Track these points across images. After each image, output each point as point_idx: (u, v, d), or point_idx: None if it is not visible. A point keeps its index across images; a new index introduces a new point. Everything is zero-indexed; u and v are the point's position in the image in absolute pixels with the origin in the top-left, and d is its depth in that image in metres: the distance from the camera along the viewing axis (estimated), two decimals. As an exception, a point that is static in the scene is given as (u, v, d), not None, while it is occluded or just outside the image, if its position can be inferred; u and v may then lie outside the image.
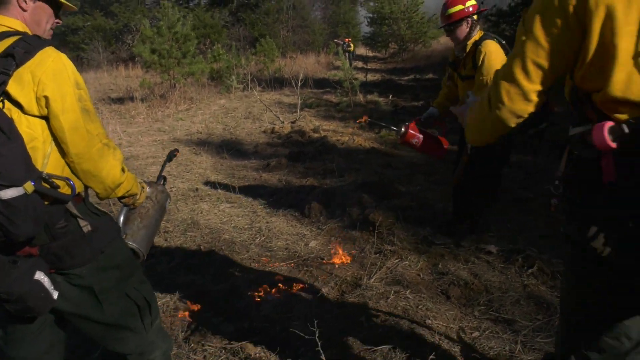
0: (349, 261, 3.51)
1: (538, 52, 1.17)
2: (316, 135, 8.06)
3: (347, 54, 18.58)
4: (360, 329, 2.67)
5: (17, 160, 1.32)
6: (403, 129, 3.42)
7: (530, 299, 2.89)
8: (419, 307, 2.85)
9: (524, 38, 1.19)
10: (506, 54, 3.27)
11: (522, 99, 1.22)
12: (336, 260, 3.53)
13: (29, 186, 1.33)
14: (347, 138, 7.70)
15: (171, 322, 2.82)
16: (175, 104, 11.93)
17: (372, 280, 3.18)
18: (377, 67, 23.26)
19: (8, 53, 1.38)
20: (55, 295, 1.49)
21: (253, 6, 31.67)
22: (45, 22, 1.61)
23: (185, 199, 5.03)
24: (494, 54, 3.16)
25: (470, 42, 3.37)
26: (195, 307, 2.99)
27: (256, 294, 3.13)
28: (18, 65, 1.38)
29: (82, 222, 1.56)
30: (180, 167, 6.40)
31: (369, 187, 4.99)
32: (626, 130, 1.07)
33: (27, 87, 1.40)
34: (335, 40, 24.53)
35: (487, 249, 3.55)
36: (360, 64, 21.60)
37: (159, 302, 2.94)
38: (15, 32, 1.46)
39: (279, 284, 3.23)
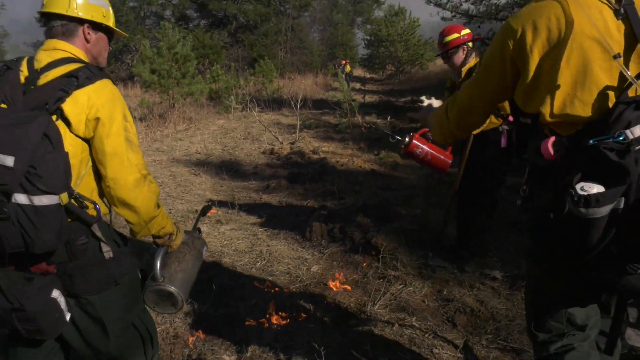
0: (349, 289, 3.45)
1: (483, 85, 1.58)
2: (315, 156, 8.05)
3: (344, 75, 18.76)
4: (366, 358, 2.60)
5: (60, 170, 1.37)
6: (407, 139, 3.45)
7: (538, 328, 2.83)
8: (426, 335, 2.79)
9: (479, 72, 1.60)
10: None
11: (470, 116, 1.68)
12: (337, 288, 3.47)
13: (65, 197, 1.37)
14: (347, 159, 7.70)
15: (171, 350, 2.74)
16: (174, 124, 11.93)
17: (377, 306, 3.13)
18: (375, 89, 23.45)
19: (72, 74, 1.49)
20: (67, 317, 1.48)
21: (252, 27, 32.02)
22: (104, 50, 1.77)
23: (185, 220, 4.98)
24: None
25: (465, 69, 3.49)
26: (196, 334, 2.92)
27: (258, 320, 3.06)
28: (78, 87, 1.48)
29: (104, 247, 1.58)
30: (179, 187, 6.36)
31: (369, 209, 4.96)
32: (566, 143, 1.35)
33: (80, 108, 1.48)
34: (334, 62, 24.80)
35: (492, 274, 3.51)
36: (357, 85, 21.77)
37: (158, 329, 2.88)
38: (79, 60, 1.59)
39: (281, 310, 3.16)
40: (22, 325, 1.39)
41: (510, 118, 3.38)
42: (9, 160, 1.25)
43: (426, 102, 1.96)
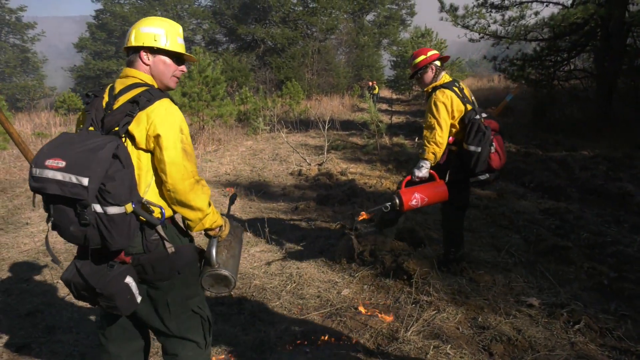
0: (390, 319, 3.37)
1: None
2: (343, 178, 8.04)
3: (372, 97, 18.85)
4: (400, 387, 2.54)
5: (125, 186, 1.63)
6: (397, 200, 3.50)
7: (580, 359, 2.72)
8: (461, 364, 2.71)
9: None
10: (461, 100, 3.62)
11: None
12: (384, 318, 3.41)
13: (129, 207, 1.64)
14: (375, 181, 7.67)
15: (203, 373, 2.73)
16: (203, 145, 12.15)
17: (409, 333, 3.06)
18: (401, 109, 23.42)
19: (134, 100, 1.76)
20: (138, 299, 1.79)
21: (279, 50, 32.61)
22: (166, 71, 1.98)
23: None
24: (436, 105, 3.58)
25: (430, 87, 3.77)
26: (226, 358, 2.91)
27: (289, 345, 3.03)
28: (140, 110, 1.75)
29: (167, 244, 1.83)
30: (209, 209, 6.41)
31: (400, 233, 4.89)
32: None
33: (141, 126, 1.74)
34: (361, 84, 24.93)
35: (528, 301, 3.40)
36: (384, 106, 21.76)
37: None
38: (145, 84, 1.86)
39: (312, 335, 3.13)
40: (103, 303, 1.73)
41: (451, 140, 3.72)
42: (85, 181, 1.53)
43: None
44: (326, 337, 3.10)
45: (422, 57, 3.76)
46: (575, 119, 12.53)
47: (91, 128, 1.78)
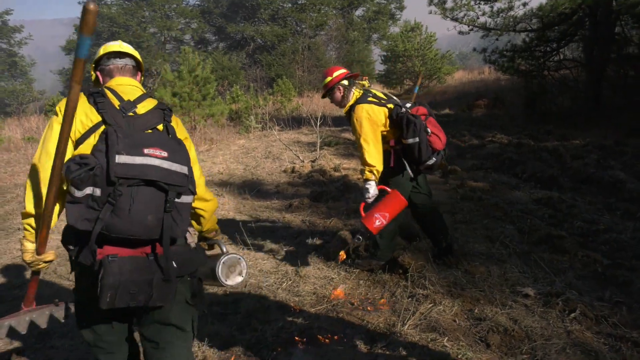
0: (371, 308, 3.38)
1: None
2: (337, 174, 8.03)
3: (363, 92, 18.77)
4: (398, 382, 2.54)
5: (194, 178, 1.84)
6: (365, 227, 3.50)
7: (577, 347, 2.73)
8: (459, 356, 2.71)
9: None
10: (379, 104, 3.70)
11: None
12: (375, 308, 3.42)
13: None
14: (368, 176, 7.65)
15: (200, 374, 2.72)
16: (195, 145, 12.07)
17: (406, 326, 3.06)
18: (393, 104, 23.39)
19: (163, 108, 1.96)
20: None
21: (269, 48, 32.50)
22: None
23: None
24: (358, 123, 3.63)
25: (348, 105, 3.82)
26: (222, 358, 2.89)
27: (286, 343, 3.02)
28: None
29: (189, 237, 1.98)
30: (202, 209, 6.38)
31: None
32: None
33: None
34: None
35: (524, 291, 3.41)
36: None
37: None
38: (151, 95, 2.02)
39: (309, 332, 3.12)
40: (158, 293, 1.70)
41: (392, 142, 3.74)
42: (186, 170, 1.75)
43: None
44: (323, 334, 3.09)
45: (328, 79, 3.84)
46: (566, 109, 12.59)
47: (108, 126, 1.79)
